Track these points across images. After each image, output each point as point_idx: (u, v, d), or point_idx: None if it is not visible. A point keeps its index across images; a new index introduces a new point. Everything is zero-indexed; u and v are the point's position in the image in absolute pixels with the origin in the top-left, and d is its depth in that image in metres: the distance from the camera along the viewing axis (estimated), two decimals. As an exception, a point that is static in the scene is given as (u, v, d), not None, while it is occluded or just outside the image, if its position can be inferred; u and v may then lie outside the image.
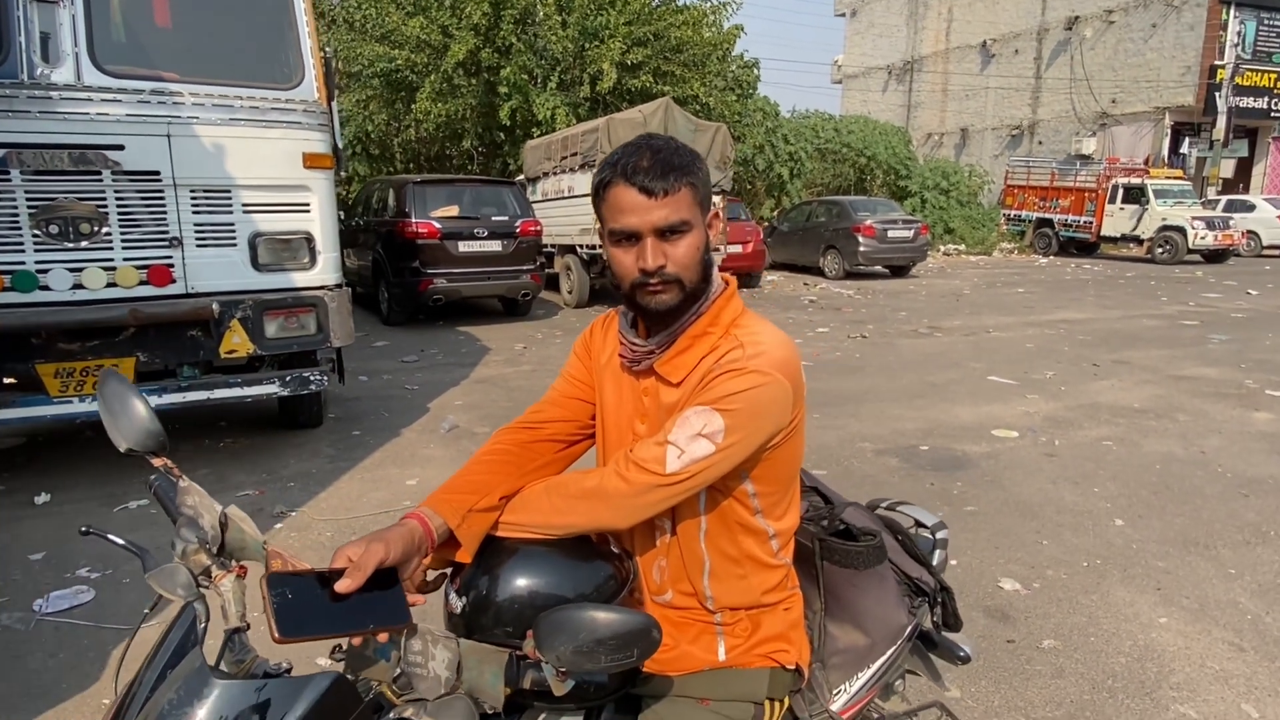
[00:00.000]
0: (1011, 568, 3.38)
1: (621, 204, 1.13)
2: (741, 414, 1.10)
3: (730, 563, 1.23)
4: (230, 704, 0.87)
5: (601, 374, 1.31)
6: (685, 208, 1.13)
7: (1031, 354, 7.94)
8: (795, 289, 13.82)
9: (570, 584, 1.14)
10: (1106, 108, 25.43)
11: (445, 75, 13.82)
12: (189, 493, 1.08)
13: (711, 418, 1.09)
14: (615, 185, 1.13)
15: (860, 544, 1.31)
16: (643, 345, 1.22)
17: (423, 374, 7.05)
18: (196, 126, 4.03)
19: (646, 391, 1.24)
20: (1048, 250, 21.20)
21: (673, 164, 1.12)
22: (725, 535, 1.22)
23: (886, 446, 5.01)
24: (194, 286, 4.12)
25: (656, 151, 1.13)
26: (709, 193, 1.20)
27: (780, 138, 19.17)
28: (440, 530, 1.11)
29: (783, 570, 1.27)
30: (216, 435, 5.17)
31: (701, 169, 1.17)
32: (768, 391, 1.11)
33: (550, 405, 1.34)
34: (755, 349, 1.14)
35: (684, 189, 1.13)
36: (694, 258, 1.15)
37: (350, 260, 10.86)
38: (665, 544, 1.24)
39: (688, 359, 1.19)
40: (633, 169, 1.12)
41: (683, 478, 1.10)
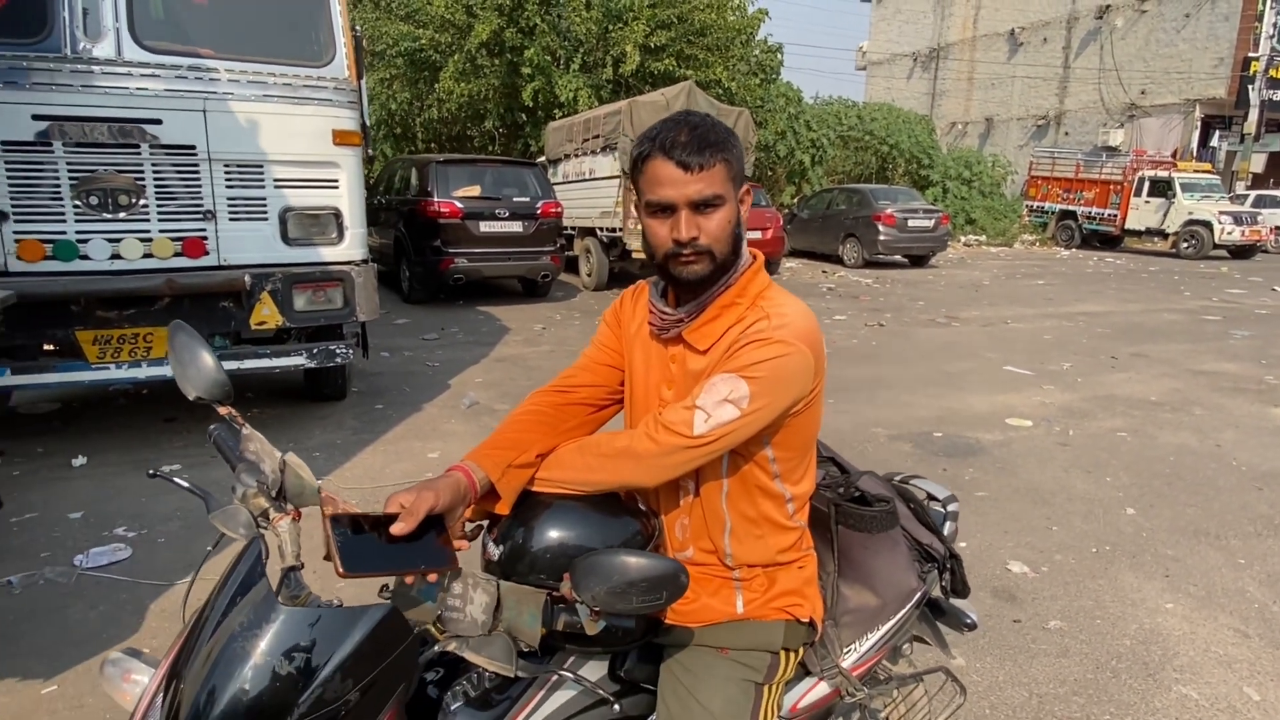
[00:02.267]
0: (1020, 551, 3.44)
1: (659, 176, 1.19)
2: (766, 381, 1.17)
3: (749, 523, 1.30)
4: (294, 629, 0.95)
5: (631, 342, 1.38)
6: (719, 183, 1.20)
7: (1049, 345, 7.93)
8: (814, 276, 13.81)
9: (599, 537, 1.22)
10: (1136, 99, 25.08)
11: (469, 55, 13.87)
12: (251, 440, 1.17)
13: (738, 384, 1.16)
14: (653, 158, 1.20)
15: (874, 509, 1.38)
16: (672, 314, 1.29)
17: (443, 351, 7.15)
18: (231, 102, 4.12)
19: (674, 358, 1.31)
20: (1070, 243, 21.00)
21: (709, 140, 1.18)
22: (745, 497, 1.29)
23: (900, 432, 5.06)
24: (226, 259, 4.22)
25: (694, 128, 1.19)
26: (743, 170, 1.26)
27: (802, 124, 19.05)
28: (483, 483, 1.19)
29: (797, 532, 1.35)
30: (244, 406, 5.29)
31: (736, 146, 1.23)
32: (792, 361, 1.18)
33: (582, 370, 1.41)
34: (780, 320, 1.21)
35: (719, 165, 1.19)
36: (726, 231, 1.22)
37: (372, 238, 10.94)
38: (688, 504, 1.31)
39: (715, 328, 1.26)
40: (671, 143, 1.18)
41: (709, 440, 1.16)
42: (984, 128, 30.53)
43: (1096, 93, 26.35)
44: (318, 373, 5.12)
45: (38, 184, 3.78)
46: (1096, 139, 25.43)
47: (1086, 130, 26.52)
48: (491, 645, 1.07)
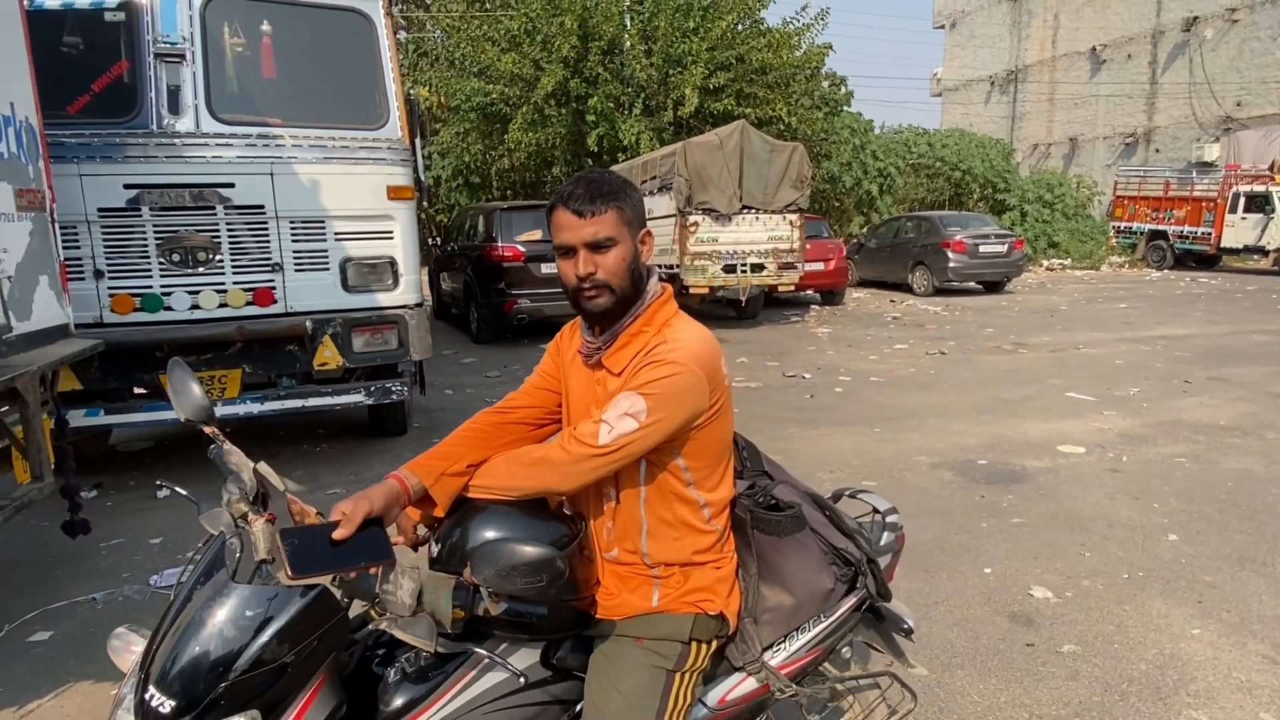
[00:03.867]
0: (1047, 577, 3.41)
1: (560, 223, 1.40)
2: (661, 397, 1.33)
3: (666, 526, 1.46)
4: (243, 603, 1.17)
5: (568, 368, 1.57)
6: (612, 226, 1.39)
7: (1119, 370, 7.68)
8: (880, 306, 13.67)
9: (525, 537, 1.39)
10: (1231, 111, 23.88)
11: (536, 106, 14.49)
12: (231, 453, 1.41)
13: (636, 400, 1.33)
14: (557, 209, 1.40)
15: (781, 514, 1.51)
16: (594, 342, 1.48)
17: (504, 388, 7.40)
18: (295, 165, 4.55)
19: (599, 381, 1.49)
20: (1162, 263, 20.07)
21: (601, 191, 1.38)
22: (662, 503, 1.45)
23: (943, 460, 5.02)
24: (292, 306, 4.62)
25: (591, 183, 1.40)
26: (640, 216, 1.45)
27: (869, 154, 18.95)
28: (416, 488, 1.39)
29: (714, 535, 1.49)
30: (314, 441, 5.70)
31: (630, 197, 1.42)
32: (683, 379, 1.34)
33: (522, 394, 1.62)
34: (676, 344, 1.38)
35: (610, 211, 1.38)
36: (621, 267, 1.40)
37: (445, 283, 11.54)
38: (611, 509, 1.48)
39: (626, 353, 1.44)
40: (569, 195, 1.39)
41: (612, 449, 1.34)
42: (1068, 148, 29.56)
43: (1188, 107, 25.22)
44: (379, 409, 5.47)
45: (128, 244, 4.27)
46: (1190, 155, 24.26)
47: (1179, 146, 25.35)
48: (416, 625, 1.26)
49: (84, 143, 4.14)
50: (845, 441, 5.46)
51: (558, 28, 13.92)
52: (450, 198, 17.32)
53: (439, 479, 1.40)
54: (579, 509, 1.51)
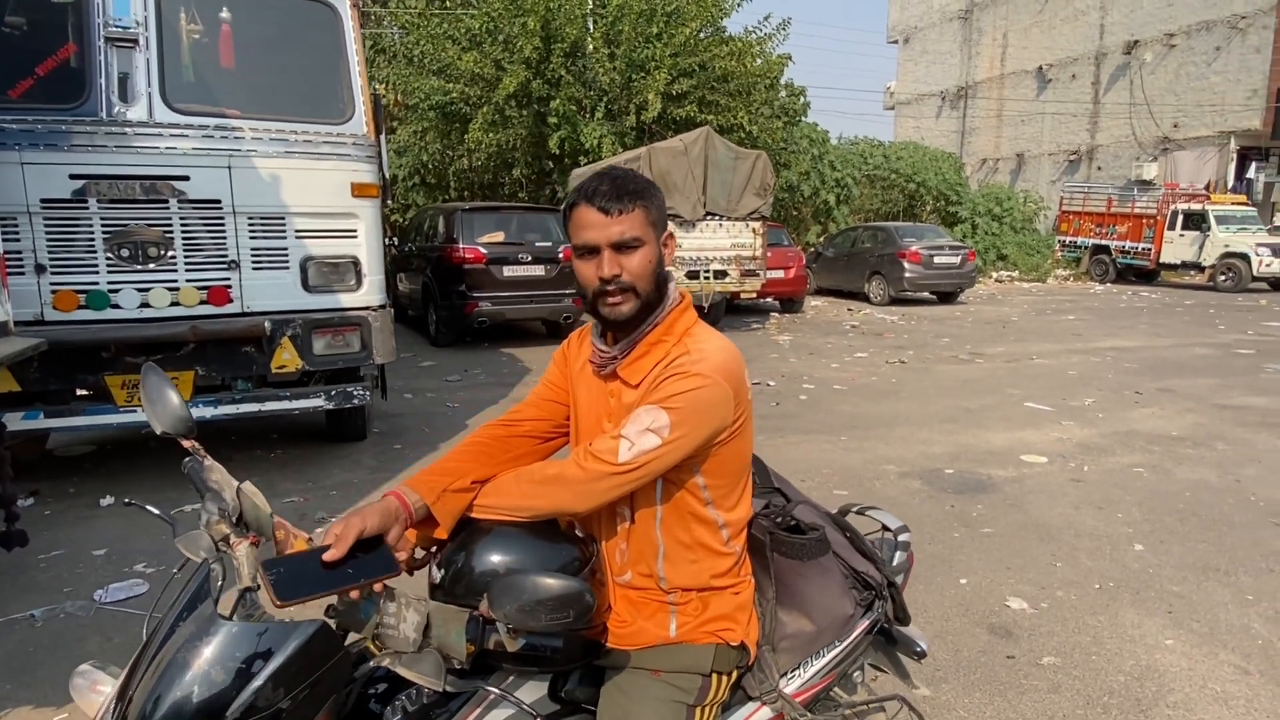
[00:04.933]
0: (1021, 587, 3.42)
1: (583, 221, 1.31)
2: (685, 411, 1.25)
3: (683, 548, 1.37)
4: (232, 642, 1.05)
5: (576, 379, 1.48)
6: (638, 226, 1.31)
7: (1073, 381, 7.84)
8: (838, 314, 13.81)
9: (536, 561, 1.30)
10: (1168, 132, 24.83)
11: (497, 107, 14.29)
12: (212, 470, 1.28)
13: (658, 415, 1.25)
14: (579, 206, 1.32)
15: (805, 537, 1.44)
16: (608, 351, 1.39)
17: (465, 392, 7.30)
18: (255, 159, 4.36)
19: (612, 393, 1.40)
20: (1104, 277, 20.71)
21: (628, 189, 1.30)
22: (679, 523, 1.37)
23: (911, 470, 5.04)
24: (249, 306, 4.43)
25: (615, 179, 1.32)
26: (664, 217, 1.37)
27: (827, 164, 19.19)
28: (417, 506, 1.28)
29: (732, 557, 1.41)
30: (268, 446, 5.48)
31: (656, 196, 1.35)
32: (709, 393, 1.27)
33: (529, 406, 1.52)
34: (700, 355, 1.30)
35: (637, 210, 1.30)
36: (647, 269, 1.32)
37: (403, 284, 11.30)
38: (625, 530, 1.39)
39: (645, 364, 1.35)
40: (593, 192, 1.30)
41: (633, 467, 1.25)
42: (1015, 164, 30.39)
43: (1128, 127, 26.14)
44: (338, 414, 5.28)
45: (73, 238, 4.03)
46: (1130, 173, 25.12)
47: (1120, 164, 26.26)
48: (422, 662, 1.15)
49: (27, 129, 3.90)
50: (813, 450, 5.45)
51: (520, 28, 13.76)
52: (407, 197, 16.97)
53: (441, 496, 1.30)
54: (589, 530, 1.42)
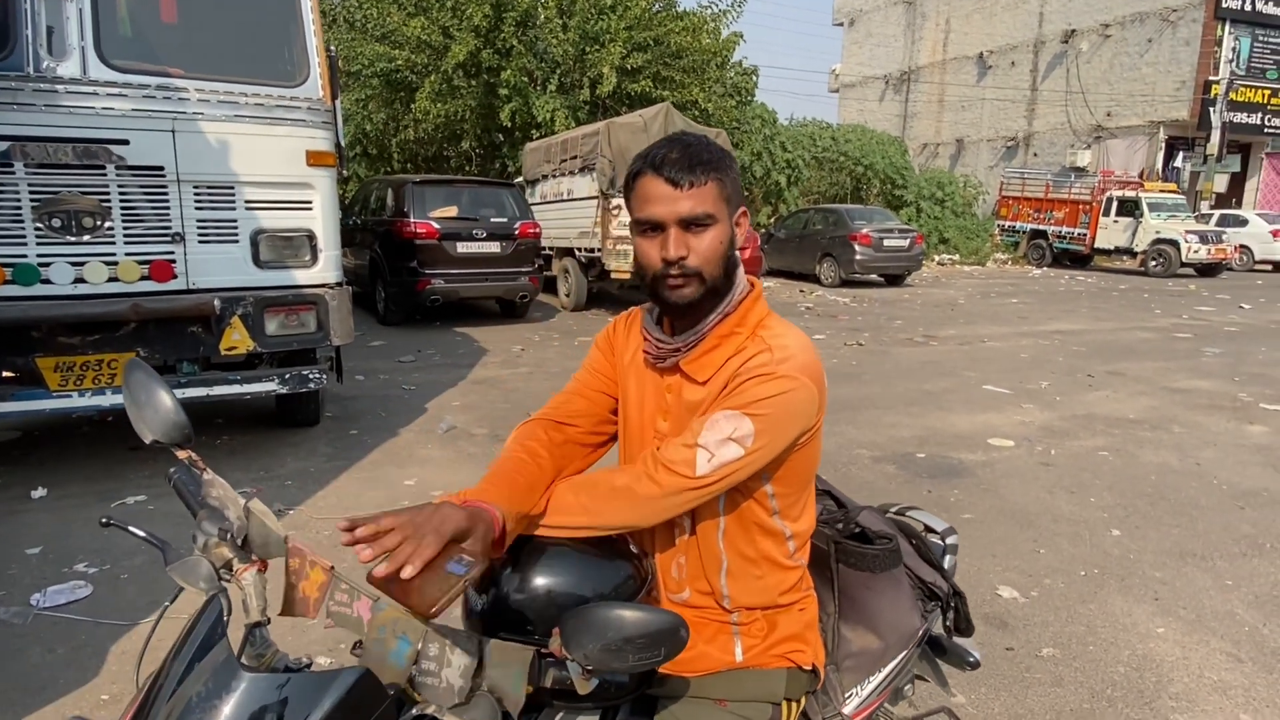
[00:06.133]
0: (1009, 575, 3.40)
1: (648, 193, 1.15)
2: (771, 418, 1.12)
3: (747, 563, 1.24)
4: (257, 697, 0.87)
5: (625, 371, 1.33)
6: (711, 201, 1.15)
7: (1026, 364, 7.97)
8: (792, 296, 13.86)
9: (590, 583, 1.15)
10: (1102, 120, 25.60)
11: (445, 76, 13.84)
12: (213, 485, 1.09)
13: (741, 422, 1.11)
14: (644, 175, 1.16)
15: (876, 547, 1.32)
16: (669, 342, 1.24)
17: (420, 374, 7.04)
18: (201, 122, 4.03)
19: (670, 388, 1.25)
20: (1041, 261, 21.30)
21: (701, 158, 1.15)
22: (743, 535, 1.23)
23: (884, 454, 5.02)
24: (195, 282, 4.11)
25: (687, 146, 1.16)
26: (739, 192, 1.22)
27: (778, 145, 19.21)
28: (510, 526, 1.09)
29: (798, 572, 1.28)
30: (213, 432, 5.15)
31: (731, 168, 1.19)
32: (796, 396, 1.13)
33: (575, 396, 1.35)
34: (783, 353, 1.16)
35: (711, 183, 1.15)
36: (717, 252, 1.17)
37: (347, 259, 10.81)
38: (684, 543, 1.25)
39: (714, 358, 1.21)
40: (661, 160, 1.14)
41: (712, 480, 1.11)
42: (955, 149, 30.98)
43: (1064, 114, 26.85)
44: (290, 398, 4.99)
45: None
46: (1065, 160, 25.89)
47: (1055, 151, 26.99)
48: (475, 711, 0.99)
49: (-60, 83, 3.50)
50: (785, 434, 5.38)
51: (470, -6, 13.32)
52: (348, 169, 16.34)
53: (519, 521, 1.11)
54: (640, 543, 1.27)
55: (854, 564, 1.32)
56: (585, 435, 1.32)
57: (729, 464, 1.10)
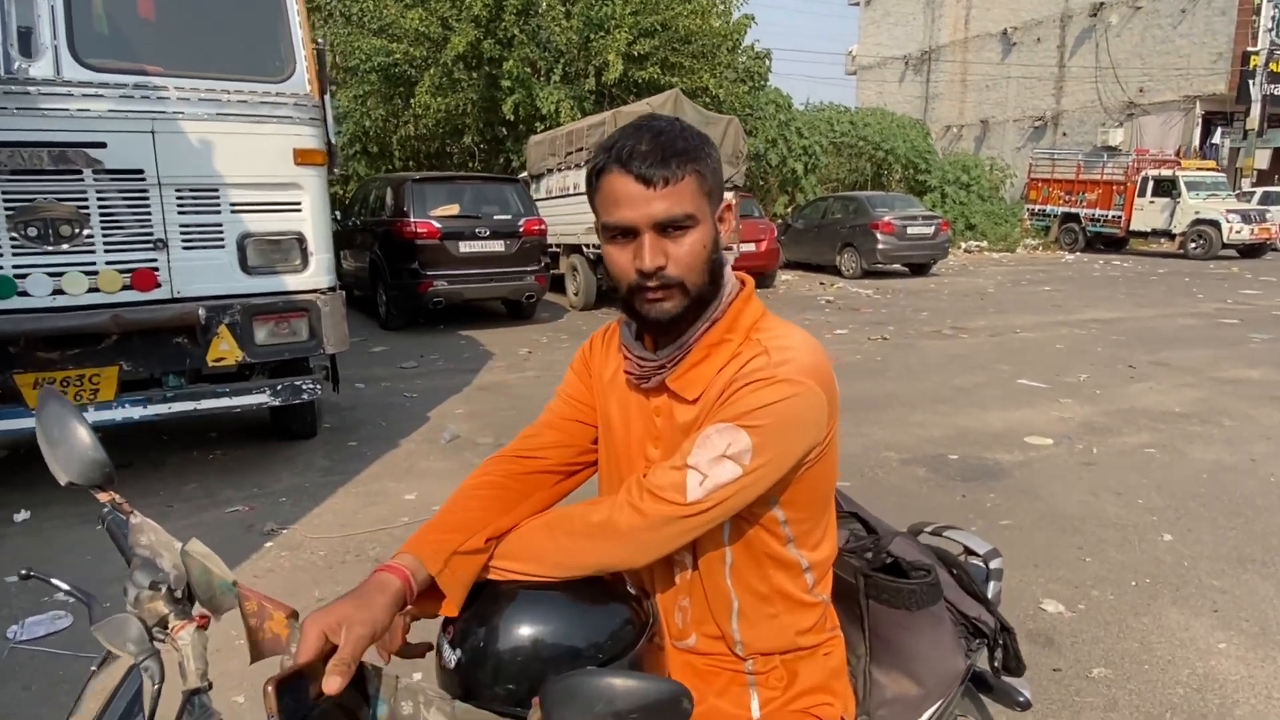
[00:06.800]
0: (1054, 587, 3.26)
1: (616, 194, 1.03)
2: (771, 430, 1.00)
3: (760, 600, 1.13)
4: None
5: (605, 393, 1.22)
6: (690, 199, 1.04)
7: (1063, 355, 7.81)
8: (811, 289, 13.72)
9: (581, 632, 1.03)
10: (1134, 97, 25.22)
11: (445, 69, 13.79)
12: (143, 530, 0.98)
13: (737, 436, 1.00)
14: (610, 173, 1.04)
15: (912, 581, 1.19)
16: (651, 359, 1.13)
17: (422, 381, 6.97)
18: (182, 122, 3.95)
19: (659, 411, 1.15)
20: (1074, 246, 21.02)
21: (676, 148, 1.02)
22: (753, 569, 1.12)
23: (913, 455, 4.88)
24: (179, 291, 4.04)
25: (658, 134, 1.03)
26: (720, 183, 1.11)
27: (794, 131, 19.06)
28: (420, 579, 1.00)
29: (819, 608, 1.17)
30: (206, 447, 5.09)
31: (711, 155, 1.08)
32: (800, 402, 1.02)
33: (546, 429, 1.24)
34: (782, 355, 1.04)
35: (689, 178, 1.03)
36: (699, 257, 1.06)
37: (347, 262, 10.84)
38: (686, 581, 1.14)
39: (704, 371, 1.10)
40: (630, 153, 1.02)
41: (706, 507, 1.00)
42: (979, 130, 30.67)
43: (1094, 91, 26.49)
44: (284, 410, 4.91)
45: (-31, 216, 3.59)
46: (1096, 139, 25.55)
47: (1085, 130, 26.64)
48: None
49: (-94, 88, 3.44)
50: (807, 436, 5.26)
51: (469, -17, 13.26)
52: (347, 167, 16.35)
53: (450, 561, 1.01)
54: (639, 582, 1.15)
55: (887, 600, 1.20)
56: (559, 466, 1.22)
57: (725, 486, 0.99)
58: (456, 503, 1.12)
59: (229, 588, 0.96)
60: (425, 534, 1.05)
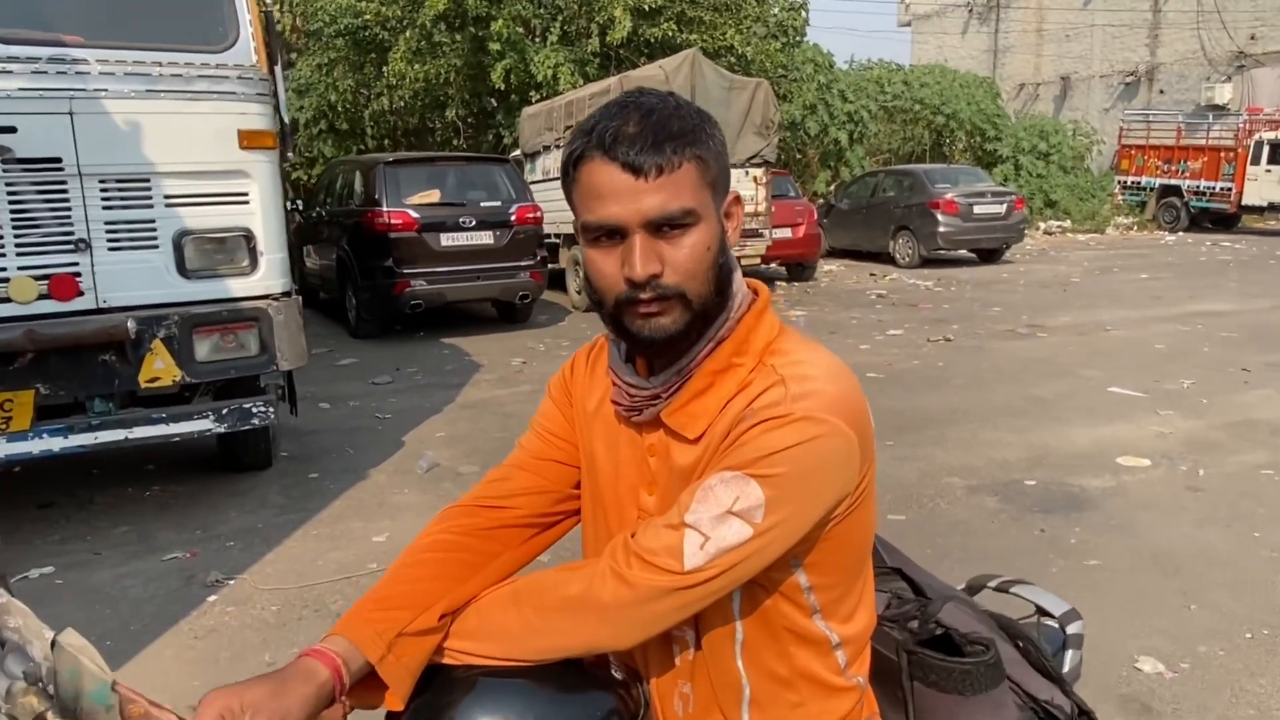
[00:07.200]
0: (1151, 642, 3.20)
1: (599, 187, 1.00)
2: (789, 480, 0.97)
3: (779, 686, 1.09)
4: None
5: (589, 427, 1.20)
6: (689, 191, 1.00)
7: (1162, 357, 7.77)
8: (860, 281, 13.74)
9: None
10: (1244, 45, 24.96)
11: (423, 30, 13.89)
12: (10, 612, 0.95)
13: (746, 488, 0.96)
14: (590, 160, 1.01)
15: (968, 661, 1.15)
16: (644, 387, 1.10)
17: (397, 399, 7.00)
18: (106, 101, 3.97)
19: (653, 450, 1.12)
20: (1176, 225, 20.87)
21: (670, 130, 0.99)
22: (771, 647, 1.09)
23: (981, 482, 4.84)
24: (106, 300, 4.05)
25: (649, 112, 1.00)
26: (725, 171, 1.07)
27: (836, 95, 19.07)
28: (359, 668, 0.98)
29: (854, 694, 1.13)
30: (141, 482, 5.12)
31: (715, 137, 1.05)
32: (824, 445, 0.98)
33: (518, 471, 1.22)
34: (801, 386, 1.01)
35: (687, 165, 1.00)
36: (702, 262, 1.03)
37: (310, 260, 10.92)
38: (688, 662, 1.11)
39: (708, 403, 1.07)
40: (614, 136, 0.98)
41: (709, 576, 0.96)
42: (1059, 89, 30.47)
43: (1196, 40, 26.25)
44: (233, 438, 4.93)
45: None
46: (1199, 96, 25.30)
47: (1186, 86, 26.39)
48: None
49: None
50: (854, 460, 5.22)
51: (449, -71, 13.35)
52: (312, 148, 16.51)
53: (394, 645, 0.99)
54: (629, 662, 1.13)
55: (936, 683, 1.15)
56: (532, 518, 1.19)
57: (732, 550, 0.95)
58: (403, 569, 1.09)
59: (104, 693, 0.93)
60: (363, 610, 1.03)
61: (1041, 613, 1.50)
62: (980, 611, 1.27)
